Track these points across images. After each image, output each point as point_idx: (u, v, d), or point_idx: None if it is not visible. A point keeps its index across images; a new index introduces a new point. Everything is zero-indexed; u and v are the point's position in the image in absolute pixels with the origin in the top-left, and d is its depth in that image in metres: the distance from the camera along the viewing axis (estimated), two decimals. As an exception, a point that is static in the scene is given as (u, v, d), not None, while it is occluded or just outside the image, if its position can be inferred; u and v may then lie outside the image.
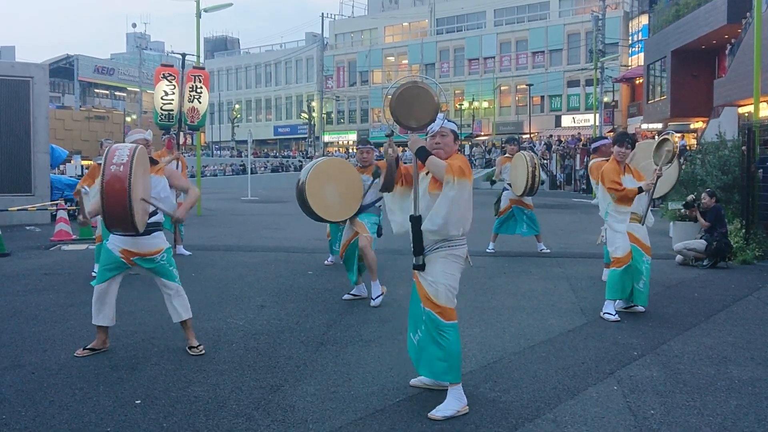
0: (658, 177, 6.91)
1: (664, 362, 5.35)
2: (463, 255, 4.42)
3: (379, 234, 7.52)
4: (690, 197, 10.54)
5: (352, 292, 7.67)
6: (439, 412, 4.22)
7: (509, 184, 11.03)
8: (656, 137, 7.89)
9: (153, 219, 5.39)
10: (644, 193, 6.89)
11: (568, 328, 6.37)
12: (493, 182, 11.34)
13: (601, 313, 6.79)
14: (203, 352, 5.52)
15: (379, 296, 7.34)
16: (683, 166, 10.53)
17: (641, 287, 6.81)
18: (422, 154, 4.33)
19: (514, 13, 57.25)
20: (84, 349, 5.48)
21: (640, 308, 6.98)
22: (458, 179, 4.21)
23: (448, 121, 4.52)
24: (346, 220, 7.51)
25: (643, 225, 7.01)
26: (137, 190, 4.90)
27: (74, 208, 15.24)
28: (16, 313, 6.91)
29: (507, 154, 11.38)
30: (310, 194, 7.08)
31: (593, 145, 9.14)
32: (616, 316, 6.68)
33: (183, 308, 5.57)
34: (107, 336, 5.57)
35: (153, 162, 5.57)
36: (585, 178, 29.09)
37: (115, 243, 5.39)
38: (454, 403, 4.27)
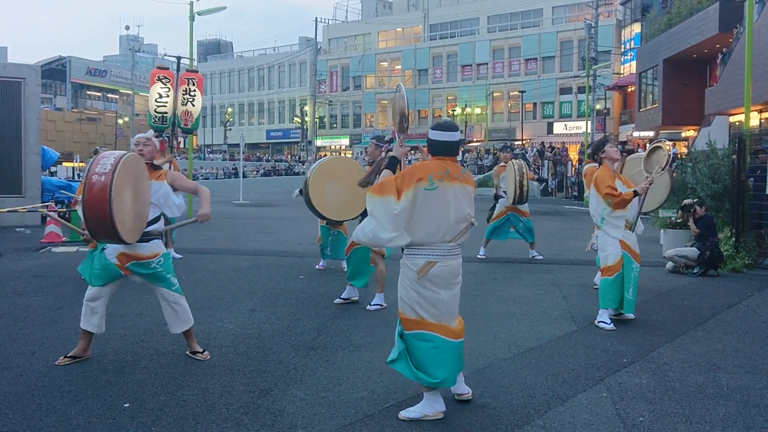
0: (650, 184, 6.93)
1: (653, 369, 5.37)
2: (412, 266, 4.29)
3: None
4: (687, 201, 10.56)
5: (342, 296, 7.67)
6: (406, 412, 4.29)
7: (504, 192, 11.05)
8: (647, 145, 7.92)
9: (152, 227, 5.29)
10: (636, 198, 6.91)
11: (559, 335, 6.38)
12: (497, 197, 11.19)
13: (596, 322, 6.78)
14: (208, 357, 5.48)
15: (377, 305, 7.34)
16: (674, 174, 10.54)
17: (630, 296, 6.81)
18: (390, 163, 4.62)
19: (508, 20, 57.44)
20: (65, 357, 5.34)
21: (630, 315, 6.99)
22: (369, 195, 4.28)
23: (433, 129, 4.42)
24: (346, 221, 7.55)
25: (633, 232, 7.02)
26: (122, 200, 4.74)
27: (64, 210, 15.19)
28: (5, 315, 6.88)
29: (502, 163, 11.37)
30: (313, 192, 7.12)
31: (590, 150, 9.21)
32: (611, 325, 6.67)
33: (184, 319, 5.45)
34: (89, 344, 5.42)
35: (155, 167, 5.47)
36: (577, 185, 29.18)
37: (112, 248, 5.24)
38: (423, 407, 4.30)
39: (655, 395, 4.77)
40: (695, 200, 10.47)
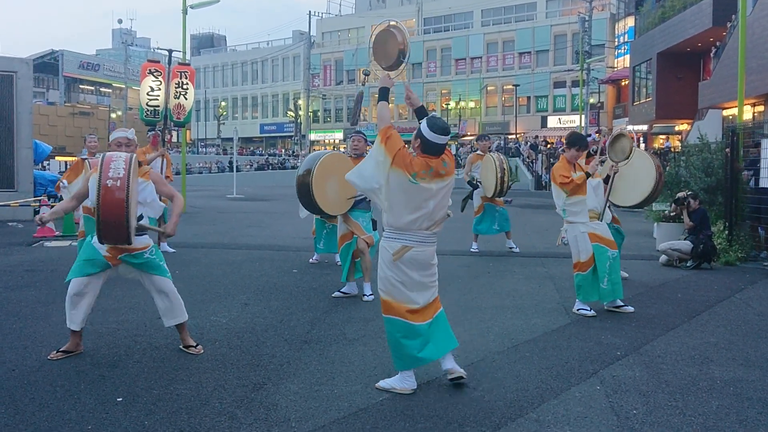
0: (615, 173, 7.11)
1: (646, 362, 5.37)
2: (389, 248, 4.60)
3: (374, 227, 7.64)
4: (681, 194, 10.54)
5: (342, 290, 7.66)
6: (381, 382, 4.68)
7: (479, 182, 11.04)
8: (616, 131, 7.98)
9: (139, 223, 5.28)
10: (601, 188, 7.03)
11: (552, 328, 6.38)
12: (474, 185, 11.15)
13: (574, 310, 6.92)
14: (201, 351, 5.45)
15: (371, 294, 7.38)
16: (666, 168, 10.57)
17: (605, 285, 6.84)
18: (381, 95, 4.85)
19: (501, 14, 57.43)
20: (58, 351, 5.29)
21: (630, 308, 7.00)
22: (378, 143, 4.52)
23: (430, 130, 4.53)
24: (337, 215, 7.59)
25: (601, 221, 7.11)
26: (132, 203, 4.83)
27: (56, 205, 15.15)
28: (-3, 310, 6.85)
29: (479, 152, 11.37)
30: (316, 188, 7.10)
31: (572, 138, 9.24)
32: (591, 311, 6.83)
33: (179, 310, 5.41)
34: (81, 338, 5.37)
35: (139, 164, 5.46)
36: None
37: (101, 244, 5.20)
38: (394, 381, 4.64)
39: (649, 388, 4.78)
40: (689, 192, 10.46)
